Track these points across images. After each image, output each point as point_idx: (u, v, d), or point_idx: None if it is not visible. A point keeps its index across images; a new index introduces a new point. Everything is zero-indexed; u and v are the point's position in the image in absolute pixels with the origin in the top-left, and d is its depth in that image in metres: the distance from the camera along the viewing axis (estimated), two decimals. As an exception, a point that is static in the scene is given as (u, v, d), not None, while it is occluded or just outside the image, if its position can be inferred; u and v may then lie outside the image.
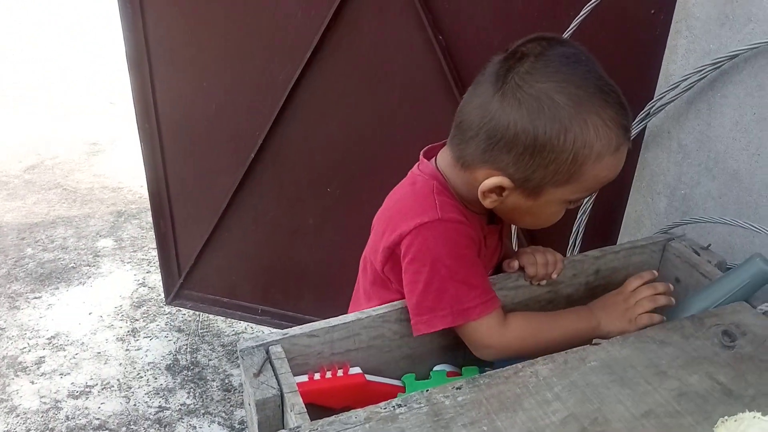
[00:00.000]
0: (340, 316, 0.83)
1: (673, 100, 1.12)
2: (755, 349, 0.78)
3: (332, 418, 0.67)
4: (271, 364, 0.75)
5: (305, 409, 0.70)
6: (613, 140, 0.77)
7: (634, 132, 1.19)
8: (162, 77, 1.66)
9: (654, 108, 1.15)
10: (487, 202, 0.82)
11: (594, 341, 0.80)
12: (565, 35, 1.17)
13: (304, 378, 0.80)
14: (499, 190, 0.81)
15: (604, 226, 1.38)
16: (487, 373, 0.72)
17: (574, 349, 0.76)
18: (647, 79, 1.23)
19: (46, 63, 4.21)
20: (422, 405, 0.68)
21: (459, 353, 0.92)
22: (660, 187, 1.21)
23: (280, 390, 0.72)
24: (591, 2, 1.13)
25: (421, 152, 0.93)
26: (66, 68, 4.12)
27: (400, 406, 0.68)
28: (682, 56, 1.13)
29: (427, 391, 0.69)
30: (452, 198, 0.86)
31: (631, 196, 1.29)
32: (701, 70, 1.05)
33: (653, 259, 1.01)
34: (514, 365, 0.73)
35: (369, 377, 0.84)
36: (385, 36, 1.43)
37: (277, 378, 0.73)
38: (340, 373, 0.82)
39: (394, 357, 0.88)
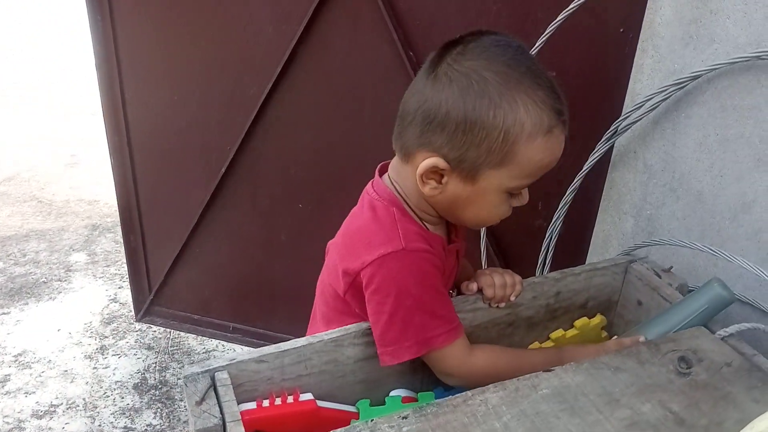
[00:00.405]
0: (291, 341, 0.81)
1: (639, 120, 1.12)
2: (711, 376, 0.77)
3: (272, 449, 0.64)
4: (215, 392, 0.73)
5: (246, 439, 0.67)
6: (545, 120, 0.77)
7: (600, 150, 1.18)
8: (132, 91, 1.64)
9: (620, 127, 1.15)
10: (427, 190, 0.81)
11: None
12: (533, 51, 1.16)
13: (253, 405, 0.78)
14: (437, 176, 0.80)
15: (574, 245, 1.37)
16: (435, 401, 0.70)
17: (527, 375, 0.75)
18: (615, 97, 1.22)
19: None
20: (366, 435, 0.66)
21: (417, 377, 0.90)
22: (627, 207, 1.20)
23: (223, 419, 0.70)
24: (557, 20, 1.12)
25: (377, 169, 0.92)
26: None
27: (342, 436, 0.66)
28: (647, 75, 1.13)
29: (372, 420, 0.67)
30: (413, 223, 0.84)
31: (599, 216, 1.28)
32: (665, 90, 1.05)
33: (615, 281, 1.00)
34: (464, 393, 0.71)
35: (321, 403, 0.82)
36: (356, 52, 1.42)
37: (220, 406, 0.71)
38: (290, 399, 0.80)
39: (348, 382, 0.86)
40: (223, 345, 1.95)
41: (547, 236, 1.29)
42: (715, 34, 0.97)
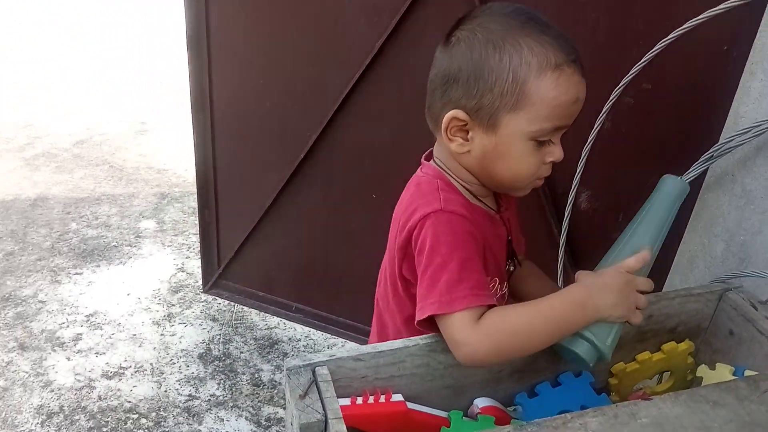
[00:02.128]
0: (388, 342, 0.83)
1: (741, 144, 1.09)
2: (813, 419, 0.75)
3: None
4: (317, 387, 0.76)
5: (348, 438, 0.70)
6: (551, 57, 0.79)
7: (696, 171, 1.16)
8: (220, 71, 1.68)
9: (720, 150, 1.12)
10: (454, 147, 0.85)
11: (643, 393, 0.78)
12: (635, 69, 1.14)
13: (347, 401, 0.80)
14: (462, 132, 0.84)
15: (655, 262, 1.35)
16: (535, 421, 0.71)
17: (624, 403, 0.75)
18: (714, 117, 1.19)
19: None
20: (468, 448, 0.67)
21: (500, 387, 0.91)
22: (718, 230, 1.18)
23: (325, 415, 0.72)
24: (669, 37, 1.09)
25: (423, 157, 0.96)
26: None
27: (445, 446, 0.67)
28: (755, 99, 1.09)
29: (474, 434, 0.68)
30: (458, 194, 0.88)
31: (687, 235, 1.26)
32: (775, 117, 1.01)
33: (708, 308, 0.99)
34: (563, 415, 0.72)
35: (410, 405, 0.84)
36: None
37: (322, 402, 0.74)
38: (382, 399, 0.82)
39: (435, 386, 0.87)
40: (284, 323, 2.00)
41: (627, 251, 1.27)
42: (838, 64, 0.94)
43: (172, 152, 3.00)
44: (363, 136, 1.60)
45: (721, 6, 1.03)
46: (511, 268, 1.00)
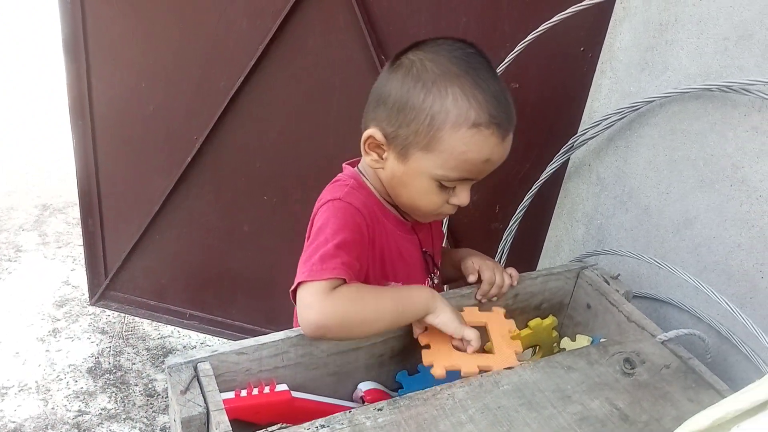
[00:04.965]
0: (270, 334, 0.85)
1: (595, 136, 1.20)
2: (652, 376, 0.85)
3: (256, 437, 0.69)
4: (198, 382, 0.77)
5: (230, 427, 0.71)
6: (473, 113, 0.81)
7: (558, 162, 1.26)
8: (98, 74, 1.62)
9: (577, 142, 1.23)
10: (369, 160, 0.90)
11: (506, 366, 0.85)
12: (499, 69, 1.23)
13: (231, 395, 0.82)
14: (379, 149, 0.89)
15: (528, 248, 1.45)
16: (407, 394, 0.76)
17: (489, 372, 0.82)
18: (573, 112, 1.31)
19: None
20: (344, 426, 0.71)
21: (383, 371, 0.96)
22: (579, 215, 1.29)
23: (207, 408, 0.74)
24: (526, 39, 1.19)
25: (343, 164, 1.00)
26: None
27: (323, 426, 0.71)
28: (605, 95, 1.21)
29: (350, 412, 0.72)
30: (370, 196, 0.93)
31: (553, 222, 1.37)
32: (621, 111, 1.13)
33: (568, 285, 1.08)
34: (433, 388, 0.77)
35: (296, 394, 0.87)
36: (328, 52, 1.45)
37: (204, 395, 0.75)
38: (266, 389, 0.84)
39: (320, 374, 0.91)
40: (178, 331, 1.96)
41: (503, 239, 1.36)
42: (669, 62, 1.06)
43: (51, 160, 2.85)
44: (251, 138, 1.60)
45: (569, 9, 1.13)
46: (435, 281, 1.04)
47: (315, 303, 0.79)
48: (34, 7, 4.46)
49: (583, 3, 1.11)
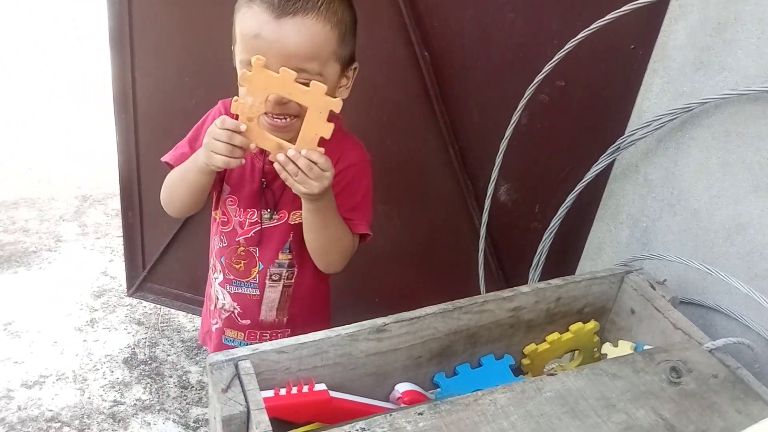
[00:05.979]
0: (310, 334, 0.84)
1: (644, 137, 1.17)
2: (699, 386, 0.82)
3: (297, 437, 0.68)
4: (239, 380, 0.77)
5: (270, 427, 0.71)
6: None
7: (604, 163, 1.23)
8: (143, 69, 1.64)
9: (625, 143, 1.19)
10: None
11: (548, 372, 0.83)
12: (547, 67, 1.20)
13: (270, 393, 0.81)
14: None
15: (567, 249, 1.42)
16: (448, 399, 0.75)
17: (532, 378, 0.80)
18: (620, 112, 1.27)
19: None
20: (385, 428, 0.70)
21: (421, 372, 0.95)
22: (623, 217, 1.26)
23: (247, 406, 0.73)
24: (577, 37, 1.15)
25: None
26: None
27: (363, 429, 0.70)
28: (656, 95, 1.17)
29: (390, 415, 0.71)
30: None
31: (595, 224, 1.34)
32: (673, 112, 1.09)
33: (611, 290, 1.05)
34: (475, 393, 0.76)
35: (333, 394, 0.86)
36: (372, 47, 1.44)
37: (244, 394, 0.75)
38: (305, 389, 0.83)
39: (358, 374, 0.90)
40: (213, 324, 1.97)
41: (542, 240, 1.34)
42: (726, 62, 1.02)
43: (93, 152, 2.90)
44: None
45: (625, 7, 1.10)
46: (266, 216, 1.10)
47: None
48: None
49: (640, 1, 1.08)
